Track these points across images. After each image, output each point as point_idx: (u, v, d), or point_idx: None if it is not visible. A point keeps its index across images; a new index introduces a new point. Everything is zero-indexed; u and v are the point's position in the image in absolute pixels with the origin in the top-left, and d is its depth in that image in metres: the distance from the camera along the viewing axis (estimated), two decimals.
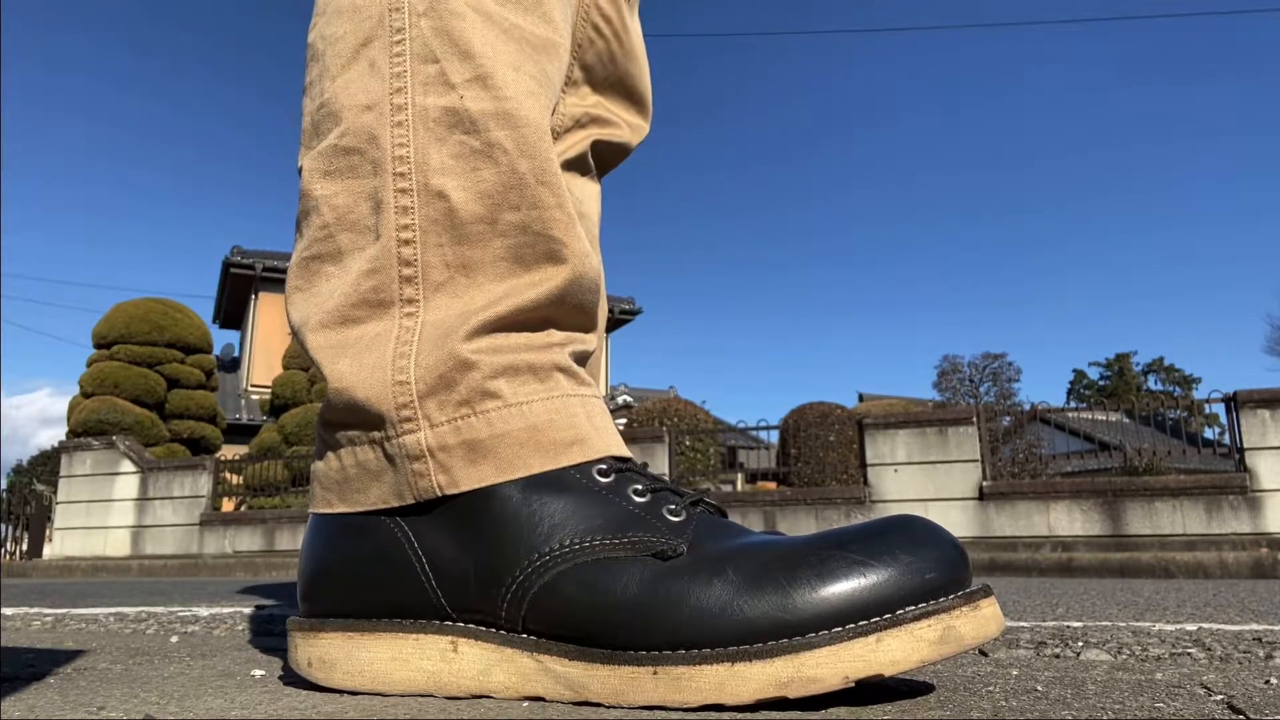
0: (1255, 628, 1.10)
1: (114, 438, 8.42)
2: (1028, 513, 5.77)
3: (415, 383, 0.58)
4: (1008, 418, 10.30)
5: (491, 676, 0.56)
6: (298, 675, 0.63)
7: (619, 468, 0.59)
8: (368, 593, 0.60)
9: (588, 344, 0.66)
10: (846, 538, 0.53)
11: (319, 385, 10.63)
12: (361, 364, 0.60)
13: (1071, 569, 4.79)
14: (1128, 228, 57.59)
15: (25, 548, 9.36)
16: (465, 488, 0.58)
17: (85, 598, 2.31)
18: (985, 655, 0.79)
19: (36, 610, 1.64)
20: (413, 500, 0.59)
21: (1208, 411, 7.42)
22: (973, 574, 0.54)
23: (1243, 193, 55.50)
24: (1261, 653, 0.79)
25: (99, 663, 0.78)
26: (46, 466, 13.60)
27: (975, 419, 6.14)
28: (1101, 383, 35.20)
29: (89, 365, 10.95)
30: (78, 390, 10.86)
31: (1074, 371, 36.78)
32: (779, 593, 0.51)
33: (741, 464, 11.50)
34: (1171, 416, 9.08)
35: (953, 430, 6.13)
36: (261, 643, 0.95)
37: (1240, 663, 0.73)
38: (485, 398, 0.58)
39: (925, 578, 0.50)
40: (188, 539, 7.79)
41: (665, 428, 7.43)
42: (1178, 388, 33.65)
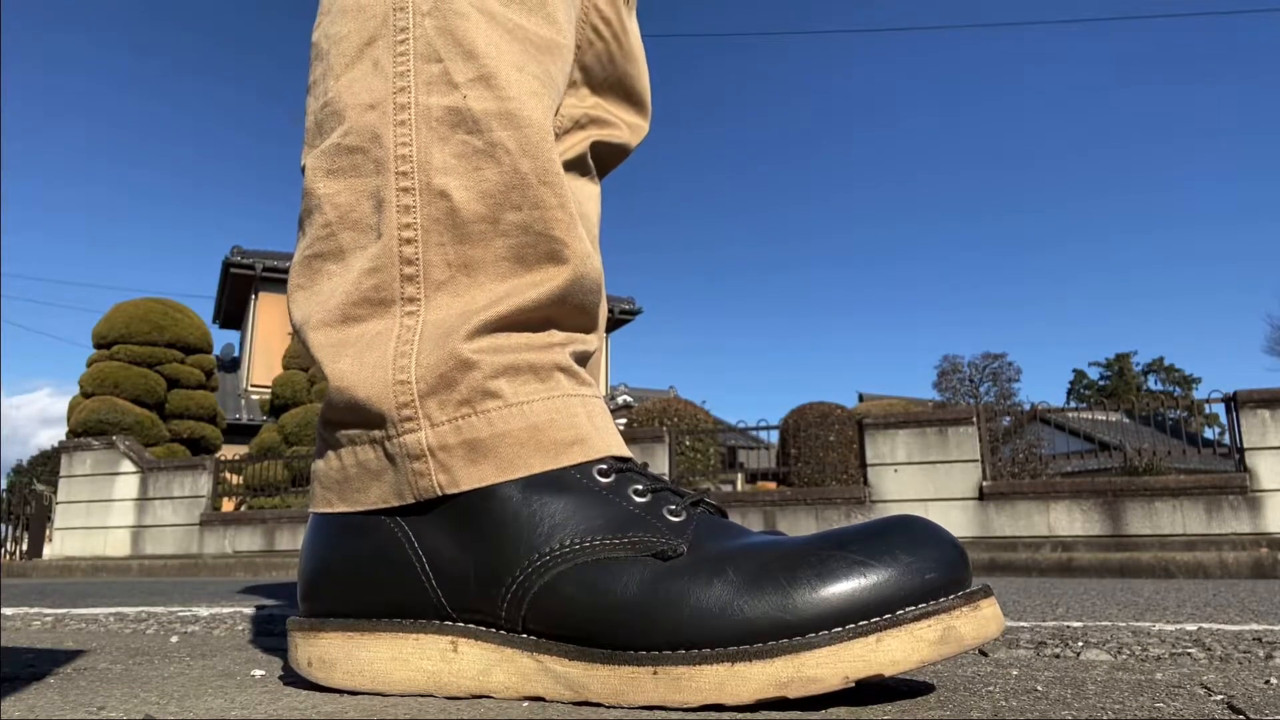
0: (1255, 628, 1.10)
1: (114, 438, 8.42)
2: (1028, 513, 5.77)
3: (416, 382, 0.58)
4: (1008, 418, 10.30)
5: (491, 676, 0.56)
6: (298, 675, 0.63)
7: (619, 468, 0.59)
8: (368, 592, 0.60)
9: (588, 344, 0.66)
10: (846, 538, 0.53)
11: (319, 385, 10.65)
12: (362, 363, 0.60)
13: (1071, 569, 4.79)
14: (1128, 228, 57.65)
15: (25, 548, 9.36)
16: (466, 487, 0.57)
17: (85, 598, 2.31)
18: (985, 655, 0.79)
19: (36, 610, 1.64)
20: (413, 500, 0.59)
21: (1208, 411, 7.42)
22: (973, 574, 0.54)
23: (1243, 193, 55.55)
24: (1261, 653, 0.79)
25: (99, 663, 0.78)
26: (46, 466, 13.61)
27: (975, 419, 6.14)
28: (1101, 383, 35.20)
29: (89, 365, 10.96)
30: (78, 390, 10.86)
31: (1074, 371, 36.82)
32: (779, 593, 0.51)
33: (741, 464, 11.50)
34: (1171, 416, 9.08)
35: (953, 430, 6.13)
36: (261, 643, 0.95)
37: (1240, 663, 0.73)
38: (486, 397, 0.58)
39: (925, 578, 0.50)
40: (188, 539, 7.79)
41: (665, 428, 7.43)
42: (1178, 388, 33.66)
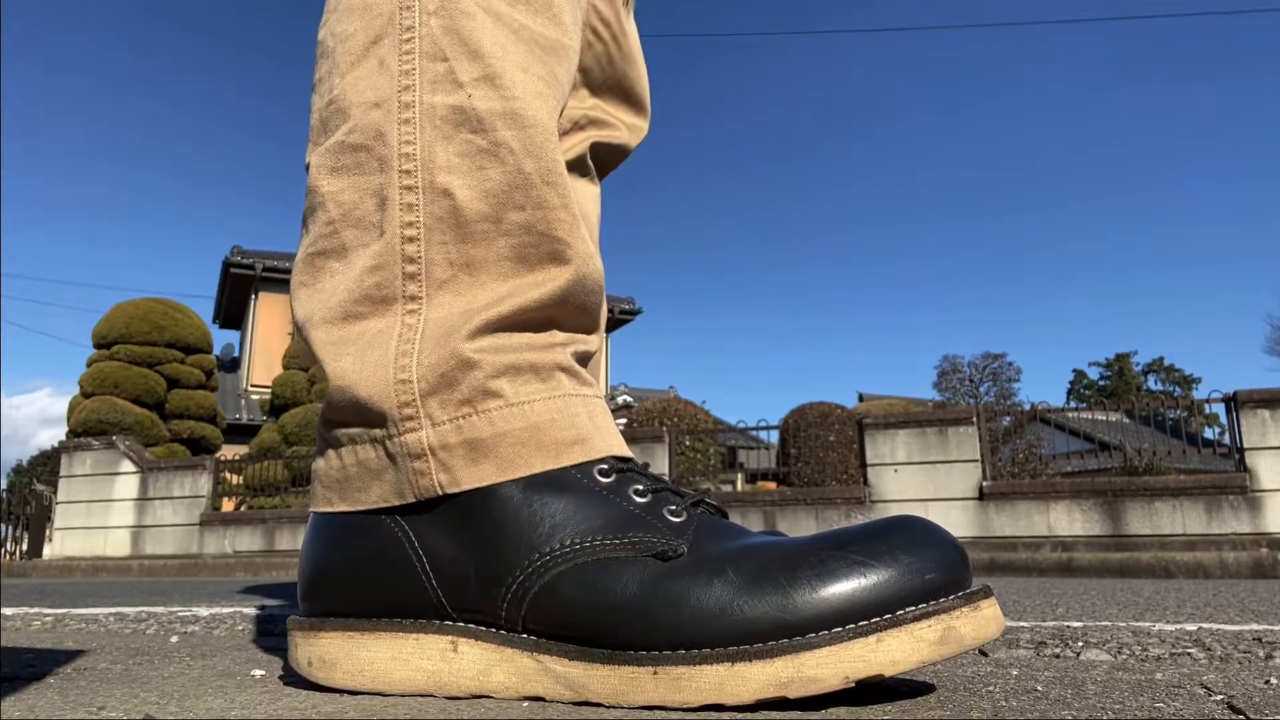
0: (1255, 628, 1.10)
1: (114, 438, 8.42)
2: (1028, 513, 5.77)
3: (417, 381, 0.58)
4: (1008, 418, 10.30)
5: (491, 676, 0.56)
6: (298, 675, 0.63)
7: (620, 468, 0.59)
8: (368, 592, 0.60)
9: (589, 344, 0.66)
10: (847, 538, 0.53)
11: (319, 385, 10.62)
12: (364, 362, 0.60)
13: (1071, 569, 4.79)
14: (1128, 228, 57.67)
15: (25, 548, 9.36)
16: (466, 487, 0.57)
17: (85, 598, 2.31)
18: (985, 655, 0.79)
19: (36, 610, 1.64)
20: (414, 499, 0.59)
21: (1208, 411, 7.41)
22: (973, 574, 0.54)
23: (1243, 193, 55.56)
24: (1261, 653, 0.79)
25: (99, 663, 0.78)
26: (46, 466, 13.61)
27: (975, 419, 6.14)
28: (1101, 383, 35.20)
29: (89, 365, 10.95)
30: (78, 390, 10.86)
31: (1074, 371, 36.82)
32: (779, 593, 0.51)
33: (741, 464, 11.50)
34: (1171, 416, 9.08)
35: (953, 430, 6.13)
36: (261, 643, 0.95)
37: (1240, 663, 0.73)
38: (487, 397, 0.58)
39: (925, 578, 0.50)
40: (188, 539, 7.79)
41: (665, 428, 7.43)
42: (1178, 388, 33.65)
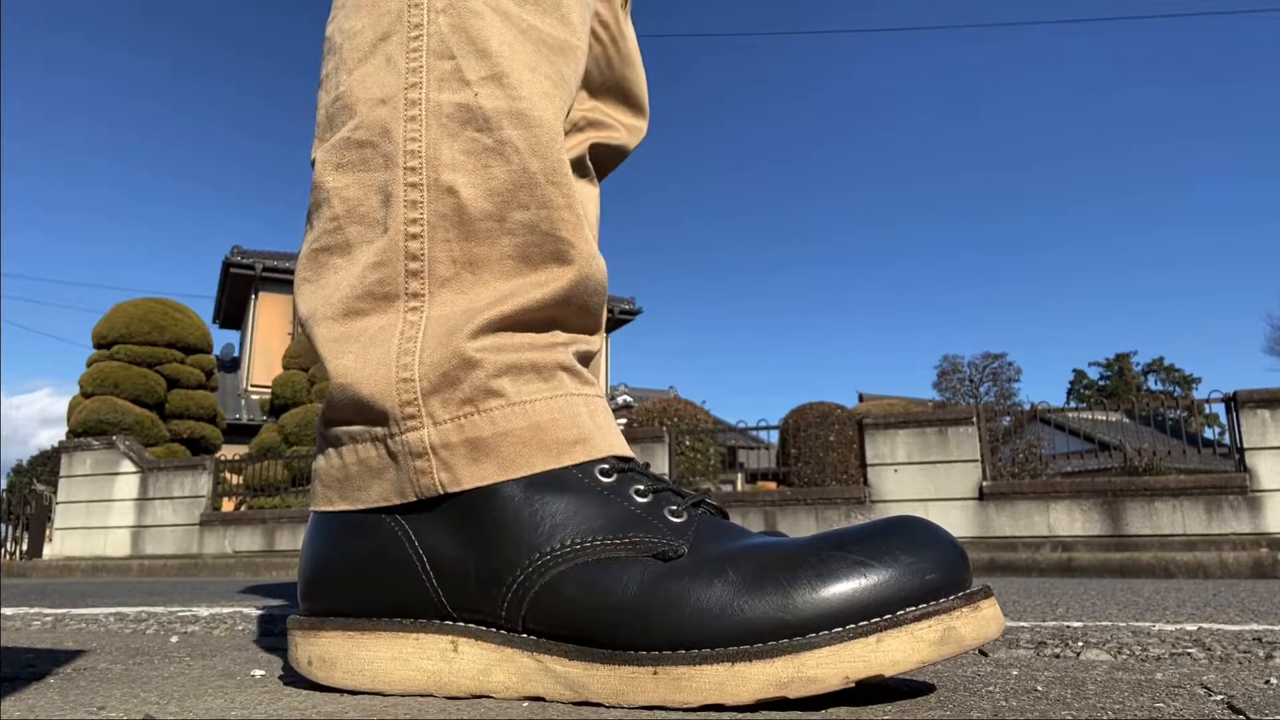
0: (1255, 628, 1.10)
1: (114, 438, 8.42)
2: (1028, 513, 5.76)
3: (419, 380, 0.58)
4: (1008, 418, 10.30)
5: (491, 676, 0.56)
6: (298, 675, 0.63)
7: (621, 467, 0.59)
8: (368, 591, 0.60)
9: (591, 345, 0.66)
10: (847, 538, 0.53)
11: (319, 385, 10.64)
12: (366, 360, 0.60)
13: (1071, 569, 4.79)
14: (1128, 228, 57.63)
15: (25, 548, 9.36)
16: (467, 486, 0.57)
17: (85, 598, 2.31)
18: (985, 655, 0.79)
19: (36, 610, 1.64)
20: (414, 498, 0.59)
21: (1208, 411, 7.41)
22: (973, 574, 0.54)
23: (1243, 193, 55.54)
24: (1261, 653, 0.79)
25: (99, 663, 0.78)
26: (46, 466, 13.60)
27: (975, 419, 6.14)
28: (1101, 383, 35.20)
29: (89, 365, 10.95)
30: (78, 390, 10.86)
31: (1074, 371, 36.81)
32: (779, 593, 0.51)
33: (741, 464, 11.50)
34: (1171, 416, 9.08)
35: (953, 430, 6.13)
36: (261, 643, 0.95)
37: (1240, 663, 0.73)
38: (489, 396, 0.58)
39: (925, 578, 0.50)
40: (188, 539, 7.79)
41: (665, 428, 7.43)
42: (1178, 388, 33.65)
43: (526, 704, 0.54)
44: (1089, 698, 0.54)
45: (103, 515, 8.12)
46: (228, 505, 8.51)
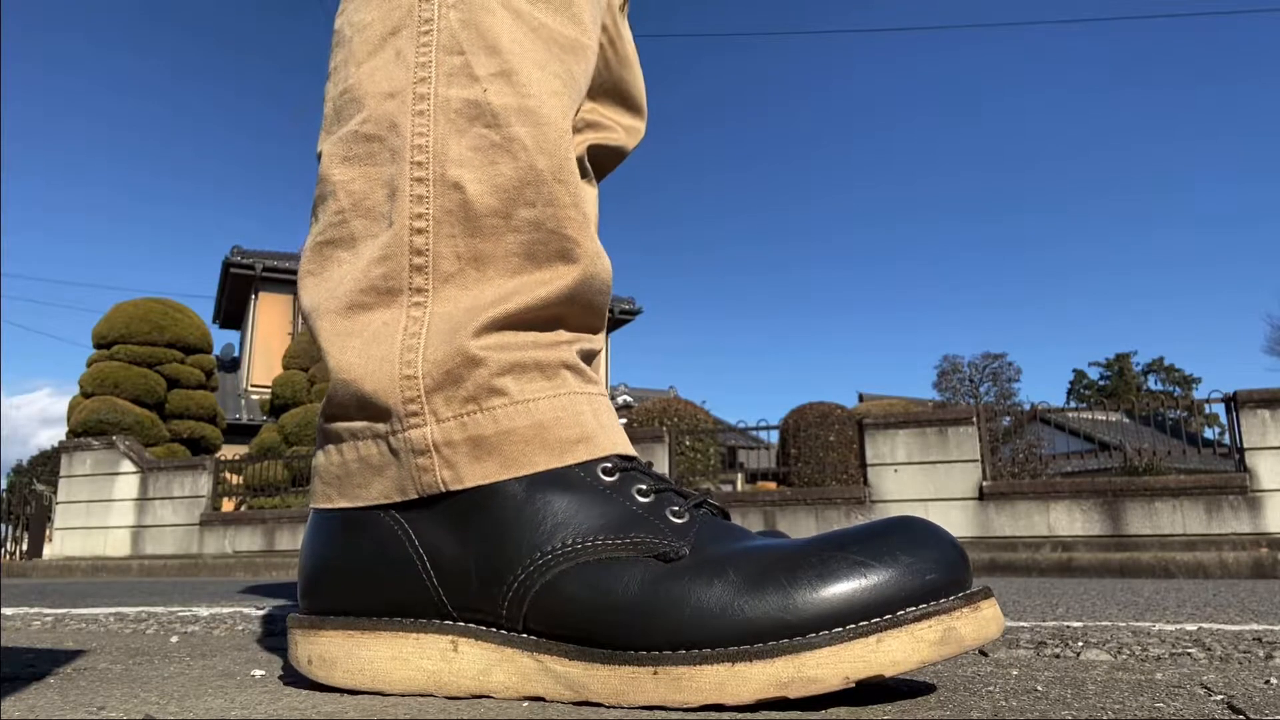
0: (1255, 628, 1.10)
1: (114, 438, 8.42)
2: (1028, 513, 5.76)
3: (423, 377, 0.58)
4: (1008, 418, 10.30)
5: (492, 676, 0.56)
6: (298, 675, 0.63)
7: (624, 466, 0.59)
8: (368, 590, 0.60)
9: (594, 344, 0.66)
10: (847, 539, 0.53)
11: (319, 385, 10.63)
12: (369, 356, 0.60)
13: (1071, 569, 4.79)
14: (1128, 228, 57.62)
15: (25, 548, 9.36)
16: (469, 484, 0.57)
17: (85, 598, 2.31)
18: (985, 655, 0.79)
19: (36, 610, 1.64)
20: (415, 495, 0.59)
21: (1208, 411, 7.41)
22: (973, 574, 0.54)
23: (1243, 193, 55.53)
24: (1261, 653, 0.79)
25: (99, 663, 0.78)
26: (46, 466, 13.60)
27: (975, 419, 6.14)
28: (1101, 383, 35.19)
29: (89, 365, 10.95)
30: (78, 390, 10.86)
31: (1074, 371, 36.80)
32: (780, 593, 0.51)
33: (741, 464, 11.50)
34: (1171, 416, 9.08)
35: (953, 430, 6.13)
36: (262, 643, 0.95)
37: (1240, 663, 0.73)
38: (492, 394, 0.58)
39: (926, 578, 0.50)
40: (188, 539, 7.79)
41: (665, 428, 7.43)
42: (1178, 388, 33.65)
43: (526, 704, 0.54)
44: (1089, 698, 0.54)
45: (103, 515, 8.12)
46: (228, 505, 8.51)
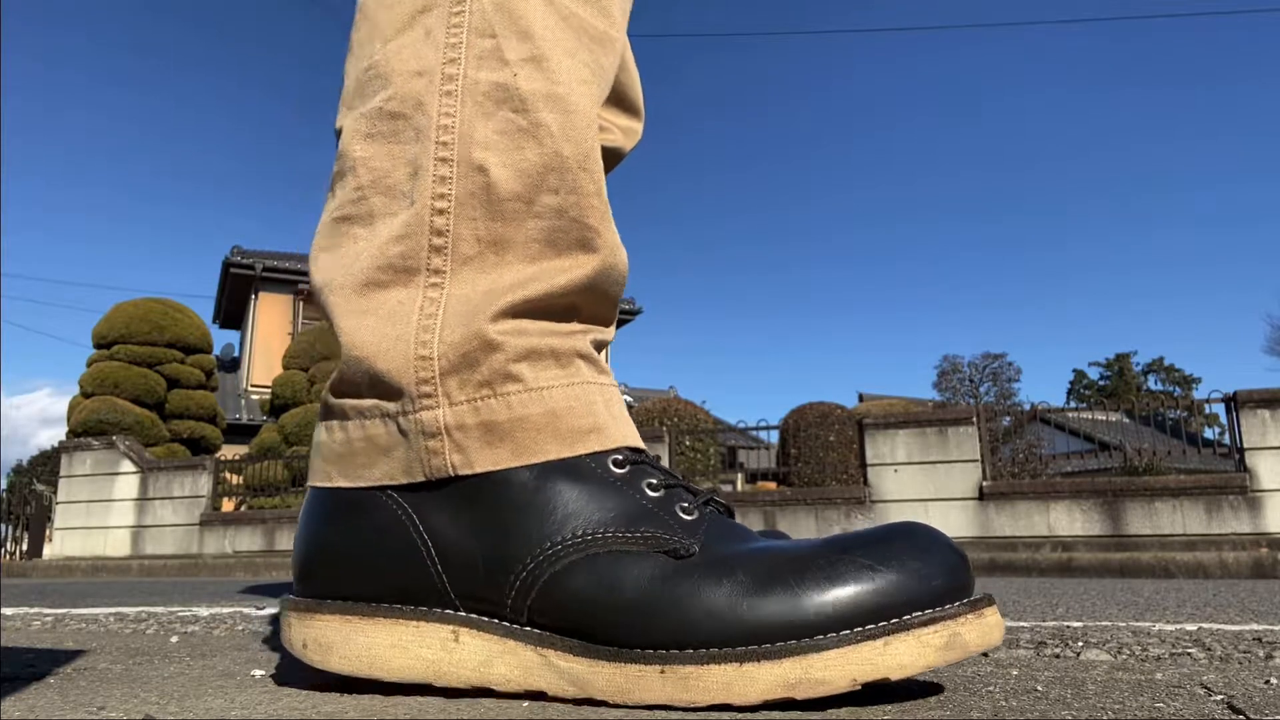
0: (1255, 628, 1.10)
1: (114, 438, 8.42)
2: (1028, 513, 5.77)
3: (438, 358, 0.58)
4: (1008, 418, 10.30)
5: (493, 669, 0.55)
6: (298, 675, 0.63)
7: (634, 459, 0.59)
8: (368, 574, 0.58)
9: (606, 335, 0.65)
10: (853, 543, 0.54)
11: (319, 385, 10.63)
12: (383, 334, 0.59)
13: (1071, 569, 4.79)
14: (1128, 228, 57.58)
15: (25, 548, 9.36)
16: (479, 470, 0.57)
17: (85, 598, 2.31)
18: (985, 655, 0.79)
19: (36, 610, 1.64)
20: (423, 478, 0.58)
21: (1208, 411, 7.40)
22: (974, 579, 0.54)
23: (1243, 193, 55.50)
24: (1261, 653, 0.79)
25: (99, 663, 0.78)
26: (46, 466, 13.60)
27: (975, 419, 6.14)
28: (1101, 383, 35.19)
29: (89, 365, 10.95)
30: (78, 390, 10.86)
31: (1074, 371, 36.80)
32: (789, 595, 0.51)
33: (741, 464, 11.50)
34: (1171, 416, 9.08)
35: (953, 430, 6.13)
36: (261, 643, 0.94)
37: (1240, 663, 0.73)
38: (507, 380, 0.58)
39: (931, 584, 0.51)
40: (188, 539, 7.79)
41: (665, 428, 7.43)
42: (1178, 388, 33.65)
43: (526, 704, 0.54)
44: (1089, 698, 0.54)
45: (103, 515, 8.12)
46: (228, 505, 8.51)
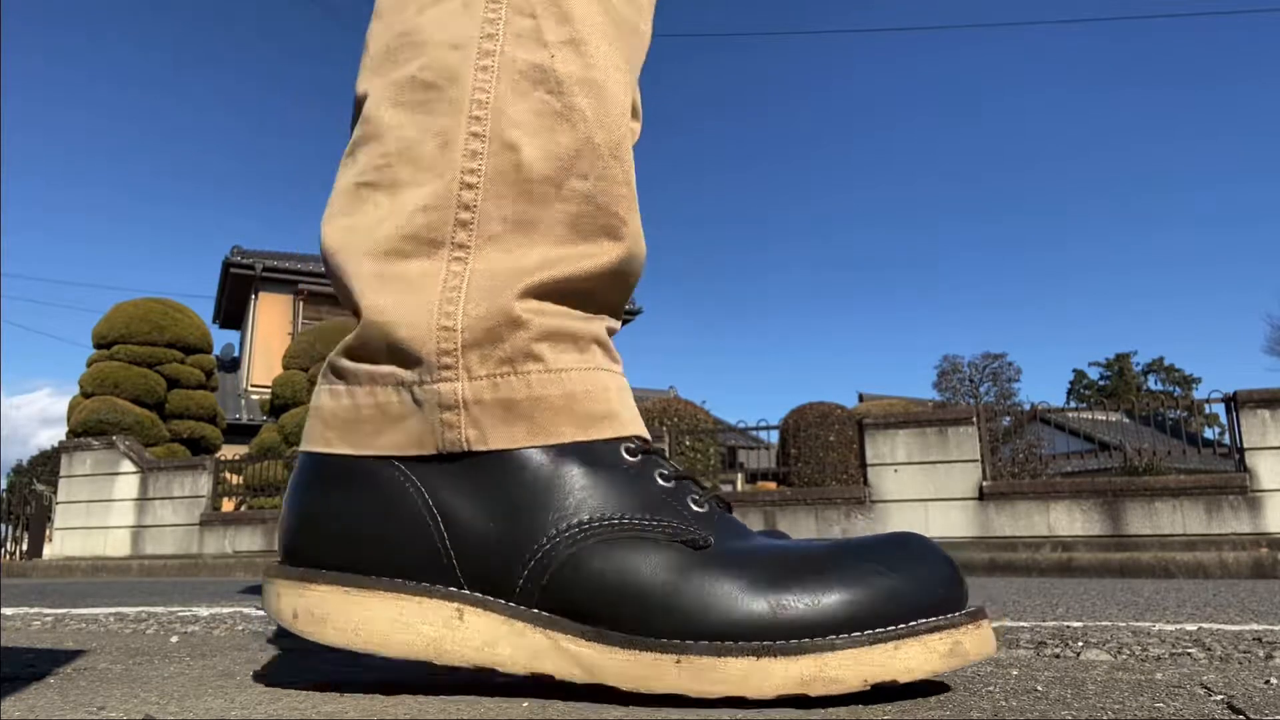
0: (1255, 628, 1.10)
1: (114, 438, 8.43)
2: (1028, 513, 5.77)
3: (461, 331, 0.57)
4: (1008, 418, 10.30)
5: (498, 649, 0.54)
6: (298, 675, 0.63)
7: (645, 449, 0.59)
8: (368, 546, 0.57)
9: (616, 325, 0.66)
10: (863, 548, 0.55)
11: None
12: (405, 302, 0.58)
13: (1071, 569, 4.79)
14: (1128, 228, 57.59)
15: (25, 548, 9.36)
16: (495, 447, 0.56)
17: (85, 598, 2.31)
18: None
19: (36, 610, 1.64)
20: (435, 451, 0.57)
21: (1208, 411, 7.41)
22: (968, 583, 0.56)
23: (1243, 193, 55.50)
24: (1261, 653, 0.79)
25: (99, 663, 0.78)
26: (46, 466, 13.60)
27: (975, 419, 6.14)
28: (1101, 383, 35.19)
29: (89, 365, 10.96)
30: (78, 390, 10.87)
31: (1074, 371, 36.80)
32: (806, 594, 0.52)
33: (741, 464, 11.50)
34: (1171, 416, 9.08)
35: (953, 430, 6.13)
36: (262, 643, 0.94)
37: (1240, 663, 0.73)
38: (528, 359, 0.57)
39: (936, 593, 0.53)
40: (188, 539, 7.79)
41: (665, 428, 7.43)
42: (1178, 388, 33.64)
43: (527, 704, 0.54)
44: (1089, 698, 0.54)
45: (103, 515, 8.12)
46: (228, 505, 8.51)
